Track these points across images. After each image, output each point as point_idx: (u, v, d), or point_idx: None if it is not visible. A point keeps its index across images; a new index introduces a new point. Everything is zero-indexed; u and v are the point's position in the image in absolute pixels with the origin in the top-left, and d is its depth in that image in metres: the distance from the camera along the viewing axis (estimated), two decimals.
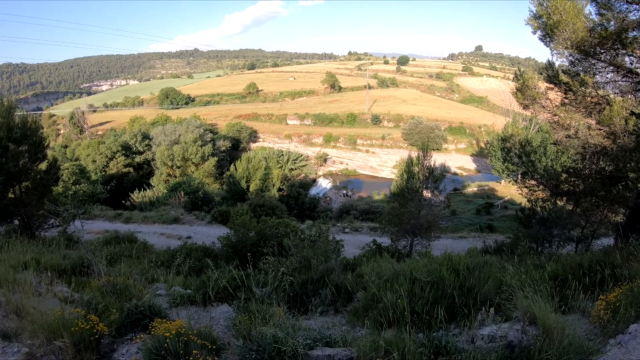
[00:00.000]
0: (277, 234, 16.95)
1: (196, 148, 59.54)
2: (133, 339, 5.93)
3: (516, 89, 13.94)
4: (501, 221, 39.65)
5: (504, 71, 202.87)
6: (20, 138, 16.88)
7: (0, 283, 7.39)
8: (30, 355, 5.22)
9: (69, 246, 15.07)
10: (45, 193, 17.91)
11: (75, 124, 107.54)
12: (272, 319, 6.16)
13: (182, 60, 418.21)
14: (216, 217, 31.00)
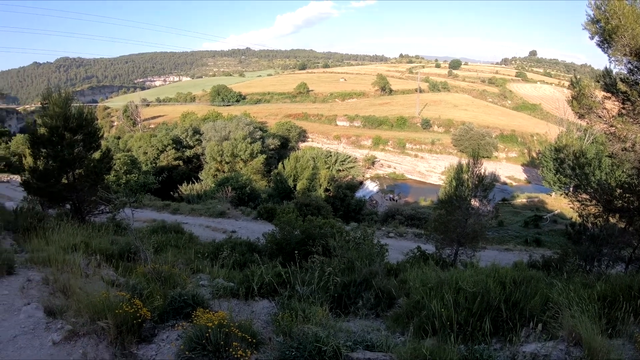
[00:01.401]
0: (323, 234, 16.88)
1: (245, 145, 60.27)
2: (174, 326, 6.04)
3: (572, 97, 13.42)
4: (549, 235, 38.29)
5: (558, 78, 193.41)
6: (76, 128, 17.64)
7: (50, 262, 7.67)
8: (73, 333, 5.37)
9: (117, 232, 15.53)
10: (97, 181, 18.57)
11: (129, 116, 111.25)
12: (313, 318, 6.10)
13: (234, 58, 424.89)
14: (262, 213, 31.25)
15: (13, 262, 7.61)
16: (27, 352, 5.19)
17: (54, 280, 6.85)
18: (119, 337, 5.35)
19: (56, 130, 17.17)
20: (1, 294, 6.63)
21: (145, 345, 5.59)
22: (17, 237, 10.60)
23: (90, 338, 5.34)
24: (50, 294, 6.48)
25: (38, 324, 5.74)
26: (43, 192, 17.25)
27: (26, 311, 6.01)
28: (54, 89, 18.35)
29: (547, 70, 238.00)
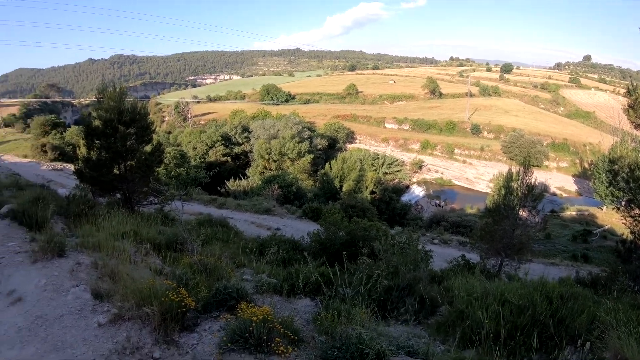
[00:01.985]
0: (368, 236, 16.74)
1: (293, 144, 60.54)
2: (217, 317, 6.13)
3: (628, 105, 12.84)
4: (598, 252, 36.56)
5: (613, 85, 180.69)
6: (129, 121, 18.23)
7: (100, 248, 7.89)
8: (118, 317, 5.52)
9: (164, 223, 15.86)
10: (148, 173, 19.09)
11: (180, 112, 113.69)
12: (355, 319, 6.06)
13: (284, 58, 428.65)
14: (307, 212, 31.34)
15: (64, 245, 7.87)
16: (72, 331, 5.37)
17: (102, 265, 7.05)
18: (162, 324, 5.46)
19: (110, 123, 17.76)
20: (51, 274, 6.88)
21: (188, 333, 5.68)
22: (68, 222, 10.96)
23: (135, 323, 5.49)
24: (99, 278, 6.67)
25: (85, 306, 5.92)
26: (95, 181, 17.88)
27: (74, 293, 6.21)
28: (108, 84, 18.99)
29: (601, 76, 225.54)
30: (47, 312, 5.85)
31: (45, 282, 6.63)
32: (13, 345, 5.30)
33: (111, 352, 4.99)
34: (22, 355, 5.09)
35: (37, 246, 7.80)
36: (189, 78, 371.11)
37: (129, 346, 5.07)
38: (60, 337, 5.29)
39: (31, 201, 10.94)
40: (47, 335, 5.38)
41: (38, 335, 5.40)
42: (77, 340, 5.20)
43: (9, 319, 5.86)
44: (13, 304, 6.19)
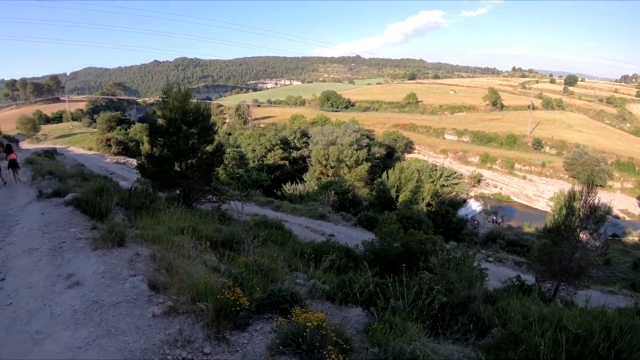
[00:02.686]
0: (423, 249, 16.42)
1: (351, 151, 60.34)
2: (270, 319, 6.12)
3: None
4: None
5: None
6: (192, 121, 18.80)
7: (158, 241, 8.08)
8: (173, 309, 5.60)
9: (221, 221, 16.06)
10: (208, 172, 19.60)
11: (240, 115, 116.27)
12: (406, 334, 5.91)
13: (344, 66, 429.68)
14: (362, 220, 31.08)
15: (125, 235, 8.13)
16: (126, 319, 5.49)
17: (160, 258, 7.21)
18: (215, 320, 5.49)
19: (174, 123, 18.37)
20: (110, 262, 7.10)
21: (239, 332, 5.70)
22: (128, 213, 11.33)
23: (188, 317, 5.54)
24: (156, 270, 6.80)
25: (141, 295, 6.05)
26: (156, 176, 18.47)
27: (132, 282, 6.34)
28: (173, 85, 19.68)
29: None
30: (103, 298, 6.03)
31: (104, 270, 6.85)
32: (67, 326, 5.49)
33: (163, 343, 5.07)
34: (76, 337, 5.24)
35: (99, 234, 8.11)
36: (250, 82, 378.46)
37: (180, 339, 5.12)
38: (114, 324, 5.43)
39: (95, 191, 11.39)
40: (102, 320, 5.53)
41: (92, 320, 5.56)
42: (130, 328, 5.32)
43: (66, 301, 6.10)
44: (71, 287, 6.44)
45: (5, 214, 12.55)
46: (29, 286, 6.87)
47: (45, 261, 7.70)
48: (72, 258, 7.54)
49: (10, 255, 8.50)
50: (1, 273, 7.62)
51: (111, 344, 5.01)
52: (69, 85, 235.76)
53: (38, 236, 9.18)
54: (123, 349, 4.95)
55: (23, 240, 9.22)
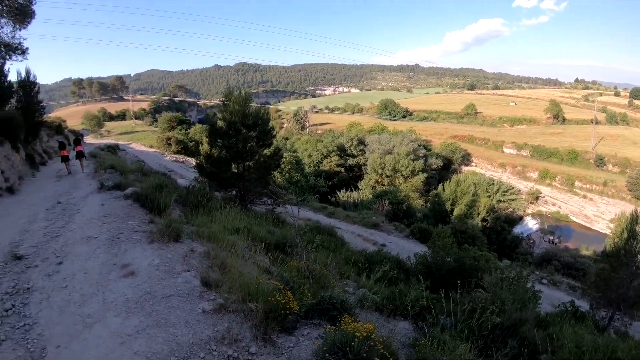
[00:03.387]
0: (477, 266, 16.02)
1: (408, 161, 59.89)
2: (318, 325, 6.11)
3: None
4: None
5: None
6: (252, 125, 19.23)
7: (213, 239, 8.23)
8: (223, 307, 5.66)
9: (275, 224, 16.20)
10: (265, 174, 19.90)
11: (298, 120, 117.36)
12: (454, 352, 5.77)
13: (403, 74, 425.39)
14: (415, 232, 30.65)
15: (181, 231, 8.37)
16: (177, 312, 5.61)
17: (214, 256, 7.35)
18: (264, 321, 5.52)
19: (234, 125, 18.84)
20: (165, 256, 7.30)
21: (286, 335, 5.71)
22: (185, 210, 11.61)
23: (238, 316, 5.59)
24: (209, 267, 6.91)
25: (193, 291, 6.16)
26: (214, 176, 18.95)
27: (185, 277, 6.47)
28: (233, 89, 20.22)
29: None
30: (156, 290, 6.20)
31: (159, 262, 7.04)
32: (119, 313, 5.69)
33: (210, 339, 5.13)
34: (126, 324, 5.42)
35: (156, 228, 8.39)
36: (309, 88, 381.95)
37: (228, 337, 5.17)
38: (165, 315, 5.56)
39: (154, 187, 11.77)
40: (153, 311, 5.68)
41: (144, 309, 5.72)
42: (180, 321, 5.43)
43: (120, 289, 6.33)
44: (125, 277, 6.68)
45: (67, 202, 13.25)
46: (85, 272, 7.17)
47: (102, 250, 8.01)
48: (129, 249, 7.81)
49: (69, 241, 8.90)
50: (59, 257, 8.02)
51: (160, 335, 5.15)
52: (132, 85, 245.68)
53: (97, 225, 9.56)
54: (171, 340, 5.06)
55: (83, 228, 9.64)
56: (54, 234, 9.68)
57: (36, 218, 11.97)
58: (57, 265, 7.66)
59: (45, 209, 13.09)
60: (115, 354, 4.87)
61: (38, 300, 6.44)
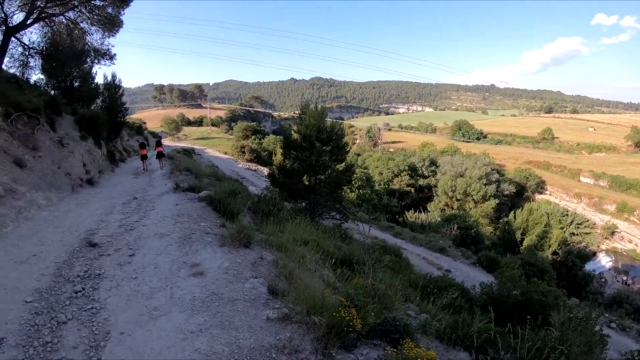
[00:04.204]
0: (544, 302, 15.35)
1: (479, 185, 58.39)
2: (378, 346, 6.00)
3: None
4: None
5: None
6: (326, 139, 19.48)
7: (282, 249, 8.35)
8: (287, 317, 5.69)
9: (342, 239, 16.18)
10: (335, 189, 20.04)
11: (371, 137, 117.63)
12: None
13: (478, 94, 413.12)
14: (482, 260, 29.79)
15: (252, 238, 8.56)
16: (241, 316, 5.70)
17: (282, 265, 7.46)
18: (326, 336, 5.48)
19: (308, 139, 19.15)
20: (235, 260, 7.47)
21: (345, 352, 5.63)
22: (255, 217, 11.83)
23: (300, 327, 5.59)
24: (276, 276, 7.00)
25: (259, 297, 6.24)
26: (285, 186, 19.32)
27: (252, 283, 6.58)
28: (309, 103, 20.68)
29: None
30: (222, 292, 6.33)
31: (228, 266, 7.21)
32: (184, 310, 5.88)
33: (271, 346, 5.16)
34: (190, 321, 5.59)
35: (227, 232, 8.63)
36: (383, 105, 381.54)
37: (288, 346, 5.17)
38: (229, 318, 5.65)
39: (227, 192, 12.15)
40: (217, 312, 5.80)
41: (209, 309, 5.86)
42: (243, 325, 5.50)
43: (187, 287, 6.55)
44: (194, 276, 6.89)
45: (143, 199, 13.95)
46: (155, 266, 7.48)
47: (174, 247, 8.32)
48: (200, 249, 8.05)
49: (142, 235, 9.36)
50: (132, 249, 8.47)
51: (222, 336, 5.24)
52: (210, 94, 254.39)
53: (170, 224, 9.97)
54: (232, 343, 5.13)
55: (156, 224, 10.09)
56: (128, 227, 10.23)
57: (112, 210, 12.69)
58: (129, 257, 8.10)
59: (121, 203, 13.83)
60: (176, 348, 5.03)
61: (108, 287, 6.83)
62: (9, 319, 5.86)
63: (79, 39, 23.18)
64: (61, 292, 6.72)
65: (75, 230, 10.36)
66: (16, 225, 10.90)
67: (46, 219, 11.96)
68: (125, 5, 21.50)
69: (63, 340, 5.37)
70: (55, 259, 8.22)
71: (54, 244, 9.29)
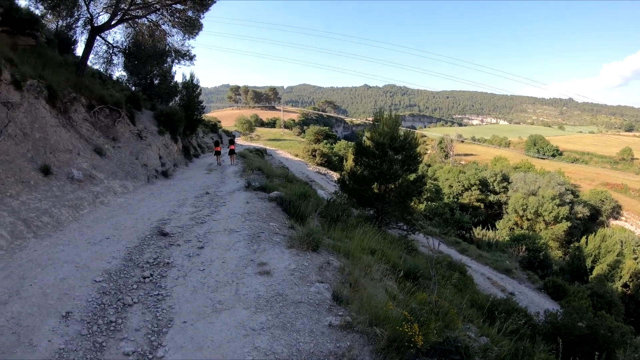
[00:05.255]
0: (610, 338, 14.55)
1: (552, 206, 55.56)
2: None
3: None
4: None
5: None
6: (399, 148, 19.42)
7: (349, 256, 8.34)
8: (349, 325, 5.62)
9: (407, 251, 15.97)
10: (405, 199, 19.86)
11: (442, 148, 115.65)
12: None
13: (555, 108, 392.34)
14: (548, 286, 28.49)
15: (320, 242, 8.61)
16: (304, 319, 5.71)
17: (348, 273, 7.46)
18: (385, 349, 5.39)
19: (382, 147, 19.16)
20: (301, 263, 7.54)
21: None
22: (322, 221, 11.87)
23: (361, 337, 5.51)
24: (341, 283, 6.99)
25: (322, 303, 6.22)
26: (354, 193, 19.38)
27: (317, 287, 6.59)
28: (383, 110, 20.62)
29: None
30: (287, 294, 6.38)
31: (294, 268, 7.27)
32: (248, 306, 5.98)
33: (330, 353, 5.11)
34: (253, 319, 5.67)
35: (296, 234, 8.76)
36: (456, 116, 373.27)
37: (347, 355, 5.09)
38: (291, 320, 5.67)
39: (298, 195, 12.33)
40: (280, 312, 5.85)
41: (272, 309, 5.92)
42: (305, 329, 5.49)
43: (253, 284, 6.67)
44: (261, 274, 7.01)
45: (215, 195, 14.40)
46: (223, 261, 7.66)
47: (242, 244, 8.50)
48: (268, 249, 8.19)
49: (212, 229, 9.65)
50: (201, 242, 8.76)
51: (283, 337, 5.26)
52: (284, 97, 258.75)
53: (240, 221, 10.21)
54: (292, 345, 5.14)
55: (226, 220, 10.38)
56: (199, 220, 10.58)
57: (185, 203, 13.14)
58: (198, 249, 8.36)
59: (194, 197, 14.28)
60: (236, 343, 5.11)
61: (175, 276, 7.08)
62: (77, 295, 6.25)
63: (160, 40, 24.41)
64: (130, 275, 7.07)
65: (148, 219, 10.85)
66: (92, 208, 11.57)
67: (121, 205, 12.57)
68: (205, 9, 22.21)
69: (127, 322, 5.64)
70: (126, 244, 8.66)
71: (127, 229, 9.77)
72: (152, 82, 32.16)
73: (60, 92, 14.95)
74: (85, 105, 17.41)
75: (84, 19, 22.38)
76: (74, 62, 21.32)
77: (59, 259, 7.63)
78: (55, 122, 13.92)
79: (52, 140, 13.06)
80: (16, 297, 6.04)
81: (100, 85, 21.48)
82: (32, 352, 4.84)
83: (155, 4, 21.64)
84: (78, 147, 14.47)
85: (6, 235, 8.22)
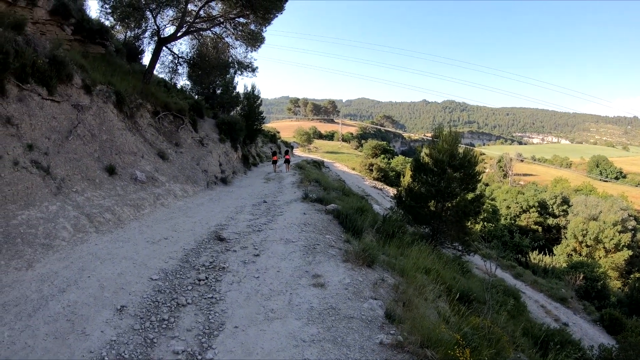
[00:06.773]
0: None
1: (613, 232, 52.29)
2: None
3: None
4: None
5: None
6: (458, 166, 19.17)
7: (403, 274, 8.22)
8: (400, 345, 5.53)
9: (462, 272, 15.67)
10: (462, 219, 19.53)
11: (501, 167, 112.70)
12: None
13: (619, 127, 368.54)
14: (605, 319, 26.84)
15: (375, 258, 8.58)
16: (354, 335, 5.65)
17: (402, 291, 7.37)
18: None
19: (440, 164, 18.98)
20: (356, 278, 7.50)
21: None
22: (378, 237, 11.79)
23: (412, 358, 5.41)
24: (394, 301, 6.92)
25: (375, 319, 6.17)
26: (411, 210, 19.24)
27: (370, 304, 6.56)
28: (442, 127, 20.43)
29: None
30: (340, 308, 6.36)
31: (349, 282, 7.25)
32: (300, 317, 6.00)
33: None
34: (304, 330, 5.68)
35: (352, 249, 8.75)
36: (516, 134, 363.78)
37: None
38: (342, 335, 5.64)
39: (355, 209, 12.35)
40: (332, 326, 5.83)
41: (324, 322, 5.91)
42: (355, 344, 5.43)
43: (306, 296, 6.69)
44: (315, 286, 7.03)
45: (272, 204, 14.60)
46: (278, 270, 7.74)
47: (297, 255, 8.56)
48: (323, 261, 8.22)
49: (269, 238, 9.77)
50: (257, 249, 8.88)
51: (333, 351, 5.22)
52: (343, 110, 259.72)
53: (296, 231, 10.29)
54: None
55: (283, 230, 10.48)
56: (256, 228, 10.73)
57: (242, 210, 13.39)
58: (254, 257, 8.48)
59: (251, 204, 14.53)
60: (286, 353, 5.12)
61: (230, 281, 7.21)
62: (133, 290, 6.51)
63: (223, 52, 25.41)
64: (185, 276, 7.28)
65: (206, 223, 11.14)
66: (153, 209, 11.98)
67: (180, 208, 12.94)
68: (267, 23, 22.83)
69: (179, 321, 5.80)
70: (184, 246, 8.93)
71: (185, 232, 10.07)
72: (214, 91, 33.20)
73: (127, 98, 15.87)
74: (151, 111, 18.19)
75: (151, 30, 23.55)
76: (140, 71, 22.58)
77: (118, 254, 8.01)
78: (121, 125, 14.62)
79: (118, 143, 13.71)
80: (74, 287, 6.41)
81: (165, 93, 22.45)
82: (84, 340, 5.09)
83: (219, 17, 22.51)
84: (142, 150, 15.08)
85: (69, 228, 8.70)
